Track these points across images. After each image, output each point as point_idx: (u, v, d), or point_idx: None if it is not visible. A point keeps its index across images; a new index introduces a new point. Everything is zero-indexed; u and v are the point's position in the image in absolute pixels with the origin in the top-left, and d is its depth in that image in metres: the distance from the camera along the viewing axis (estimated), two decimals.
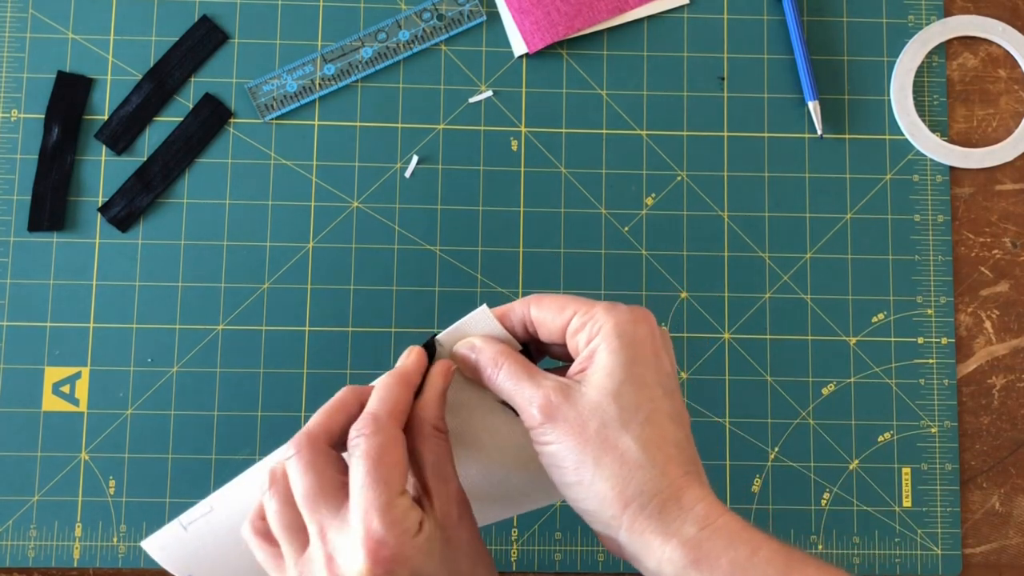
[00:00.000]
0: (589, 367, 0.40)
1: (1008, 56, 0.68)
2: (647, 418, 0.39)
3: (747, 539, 0.38)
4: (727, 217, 0.65)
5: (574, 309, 0.41)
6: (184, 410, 0.62)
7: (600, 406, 0.39)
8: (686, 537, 0.37)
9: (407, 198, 0.65)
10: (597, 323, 0.40)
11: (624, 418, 0.39)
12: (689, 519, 0.38)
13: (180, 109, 0.65)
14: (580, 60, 0.66)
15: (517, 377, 0.41)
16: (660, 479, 0.38)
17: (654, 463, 0.39)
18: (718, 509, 0.39)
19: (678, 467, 0.39)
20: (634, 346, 0.40)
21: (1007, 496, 0.64)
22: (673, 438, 0.40)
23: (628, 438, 0.38)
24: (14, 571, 0.61)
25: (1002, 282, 0.66)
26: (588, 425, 0.39)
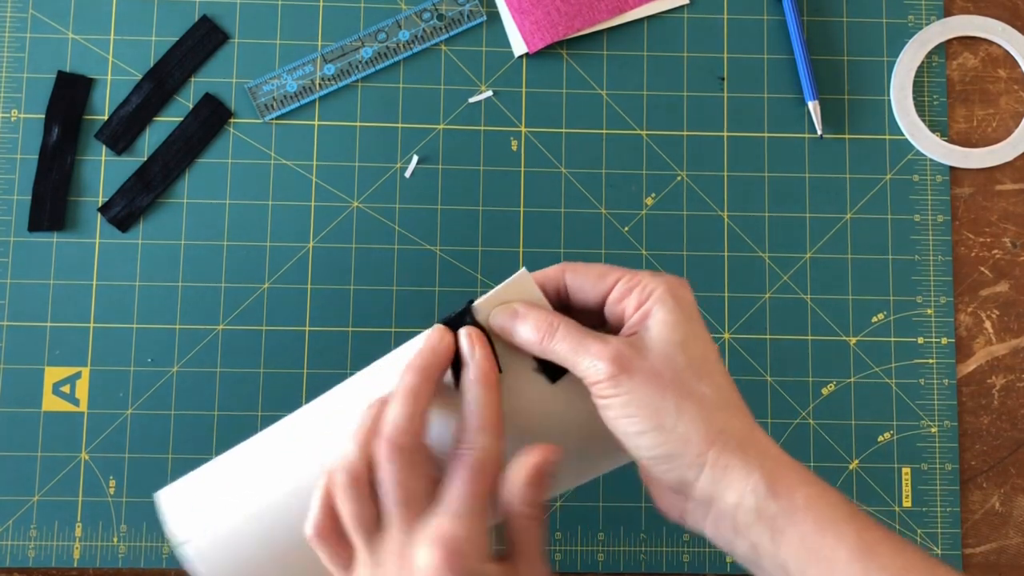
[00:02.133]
0: (645, 327, 0.41)
1: (1008, 56, 0.68)
2: (713, 368, 0.41)
3: (815, 481, 0.40)
4: (727, 217, 0.65)
5: (616, 276, 0.43)
6: (184, 410, 0.62)
7: (671, 357, 0.40)
8: (767, 470, 0.39)
9: (407, 198, 0.65)
10: (647, 288, 0.42)
11: (695, 368, 0.40)
12: (767, 456, 0.40)
13: (180, 109, 0.65)
14: (580, 60, 0.66)
15: (578, 337, 0.41)
16: (738, 419, 0.40)
17: (730, 405, 0.41)
18: (784, 453, 0.41)
19: (746, 413, 0.41)
20: (687, 305, 0.42)
21: (1007, 496, 0.64)
22: (735, 386, 0.42)
23: (703, 386, 0.40)
24: (14, 571, 0.61)
25: (1002, 282, 0.66)
26: (663, 374, 0.40)
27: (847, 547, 0.37)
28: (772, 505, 0.38)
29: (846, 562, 0.37)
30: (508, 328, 0.43)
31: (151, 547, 0.61)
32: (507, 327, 0.43)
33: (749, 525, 0.39)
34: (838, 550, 0.37)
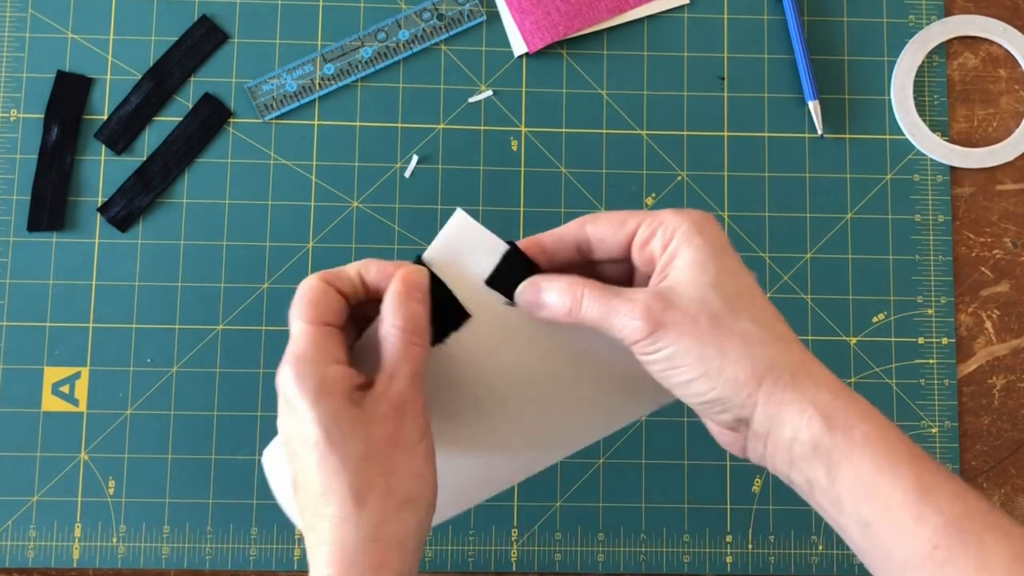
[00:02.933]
0: (673, 269, 0.40)
1: (1008, 56, 0.68)
2: (752, 301, 0.39)
3: (876, 417, 0.38)
4: (727, 217, 0.65)
5: (637, 220, 0.41)
6: (184, 410, 0.62)
7: (704, 299, 0.39)
8: (822, 404, 0.37)
9: (407, 198, 0.65)
10: (670, 226, 0.40)
11: (732, 305, 0.39)
12: (823, 387, 0.38)
13: (180, 109, 0.65)
14: (580, 60, 0.66)
15: (604, 299, 0.39)
16: (786, 351, 0.39)
17: (777, 337, 0.39)
18: (844, 385, 0.39)
19: (796, 341, 0.39)
20: (715, 240, 0.40)
21: (1007, 496, 0.64)
22: (780, 316, 0.40)
23: (743, 321, 0.38)
24: (14, 571, 0.61)
25: (1002, 282, 0.66)
26: (699, 320, 0.38)
27: (903, 488, 0.36)
28: (828, 440, 0.37)
29: (901, 503, 0.36)
30: (535, 303, 0.41)
31: (150, 547, 0.61)
32: (534, 302, 0.41)
33: (805, 458, 0.38)
34: (894, 490, 0.36)
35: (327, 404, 0.38)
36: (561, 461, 0.62)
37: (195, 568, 0.61)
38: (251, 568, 0.62)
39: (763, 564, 0.62)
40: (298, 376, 0.38)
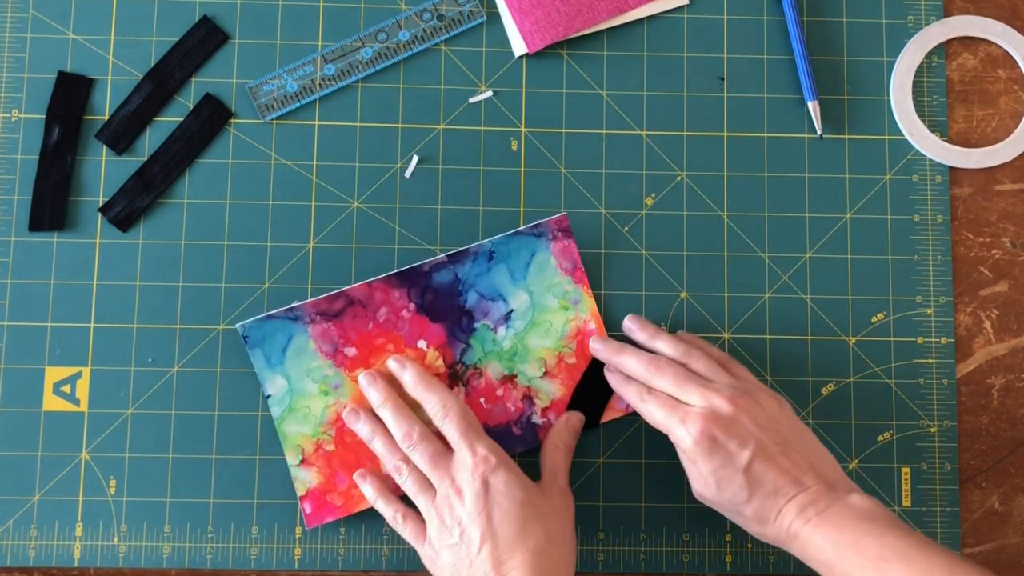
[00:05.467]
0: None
1: (1007, 56, 0.68)
2: (752, 494, 0.54)
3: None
4: (727, 217, 0.65)
5: (654, 421, 0.57)
6: (185, 410, 0.62)
7: (716, 498, 0.56)
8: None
9: (407, 198, 0.65)
10: (677, 442, 0.56)
11: (735, 502, 0.55)
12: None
13: (181, 109, 0.65)
14: (580, 60, 0.66)
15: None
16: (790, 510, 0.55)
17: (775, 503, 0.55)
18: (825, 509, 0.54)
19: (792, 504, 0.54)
20: (713, 456, 0.54)
21: (1006, 496, 0.64)
22: (780, 478, 0.55)
23: (749, 508, 0.55)
24: (15, 570, 0.61)
25: (1001, 282, 0.66)
26: (717, 503, 0.56)
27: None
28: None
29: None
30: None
31: (151, 547, 0.61)
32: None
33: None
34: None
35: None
36: None
37: (196, 567, 0.61)
38: (252, 567, 0.62)
39: (762, 563, 0.63)
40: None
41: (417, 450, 0.57)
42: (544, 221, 0.63)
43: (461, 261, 0.63)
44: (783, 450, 0.53)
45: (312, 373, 0.61)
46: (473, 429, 0.57)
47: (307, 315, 0.62)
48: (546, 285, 0.63)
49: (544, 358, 0.63)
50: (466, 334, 0.62)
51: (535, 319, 0.63)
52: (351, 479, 0.61)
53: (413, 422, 0.58)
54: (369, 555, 0.62)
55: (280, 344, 0.62)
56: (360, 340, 0.62)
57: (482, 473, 0.55)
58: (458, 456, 0.56)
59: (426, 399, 0.59)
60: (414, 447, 0.57)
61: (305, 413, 0.61)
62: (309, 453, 0.61)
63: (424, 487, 0.57)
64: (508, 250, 0.63)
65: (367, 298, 0.62)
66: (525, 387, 0.62)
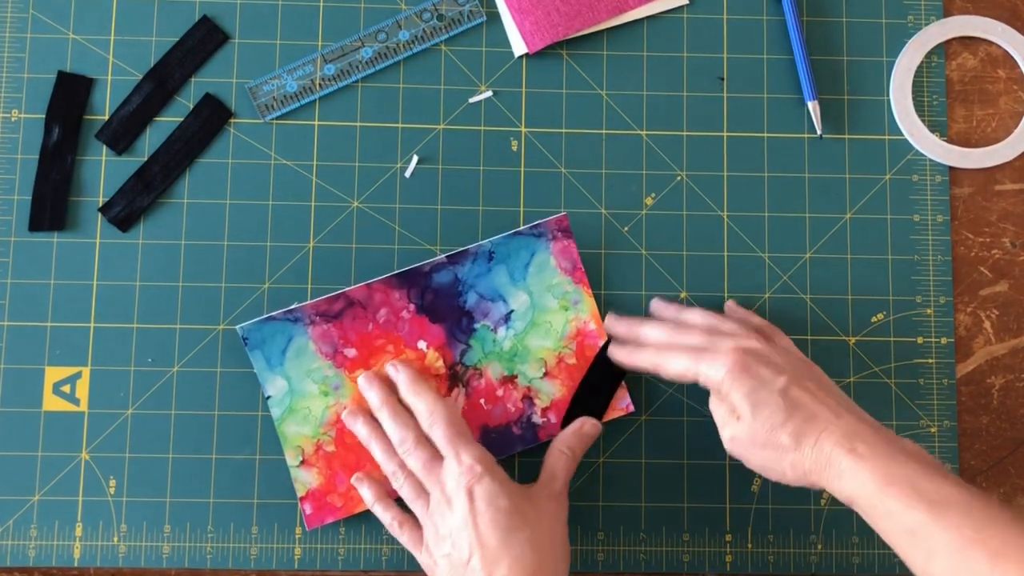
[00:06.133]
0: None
1: (1007, 56, 0.68)
2: (784, 425, 0.53)
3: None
4: (727, 217, 0.65)
5: (676, 370, 0.56)
6: (185, 410, 0.62)
7: (755, 431, 0.54)
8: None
9: (407, 198, 0.65)
10: (708, 379, 0.55)
11: (771, 433, 0.53)
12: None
13: (180, 109, 0.65)
14: (580, 60, 0.66)
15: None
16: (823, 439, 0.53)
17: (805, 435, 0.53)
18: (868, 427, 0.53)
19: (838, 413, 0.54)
20: (749, 390, 0.53)
21: (1006, 496, 0.64)
22: (814, 403, 0.54)
23: (785, 435, 0.53)
24: (15, 570, 0.61)
25: (1001, 282, 0.66)
26: (756, 439, 0.54)
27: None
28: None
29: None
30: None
31: (151, 547, 0.61)
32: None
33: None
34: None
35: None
36: None
37: (196, 567, 0.61)
38: (252, 567, 0.62)
39: (762, 563, 0.63)
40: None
41: (411, 456, 0.57)
42: (544, 221, 0.63)
43: (461, 262, 0.63)
44: (816, 383, 0.53)
45: (312, 374, 0.62)
46: (460, 435, 0.57)
47: (307, 316, 0.62)
48: (546, 285, 0.63)
49: (544, 358, 0.63)
50: (466, 335, 0.63)
51: (535, 319, 0.63)
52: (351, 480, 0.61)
53: (408, 428, 0.58)
54: (369, 555, 0.62)
55: (280, 345, 0.62)
56: (360, 341, 0.62)
57: (467, 483, 0.54)
58: (446, 464, 0.56)
59: (415, 403, 0.59)
60: (408, 453, 0.57)
61: (305, 414, 0.61)
62: (309, 454, 0.61)
63: (419, 493, 0.57)
64: (508, 250, 0.63)
65: (367, 299, 0.62)
66: (525, 387, 0.62)
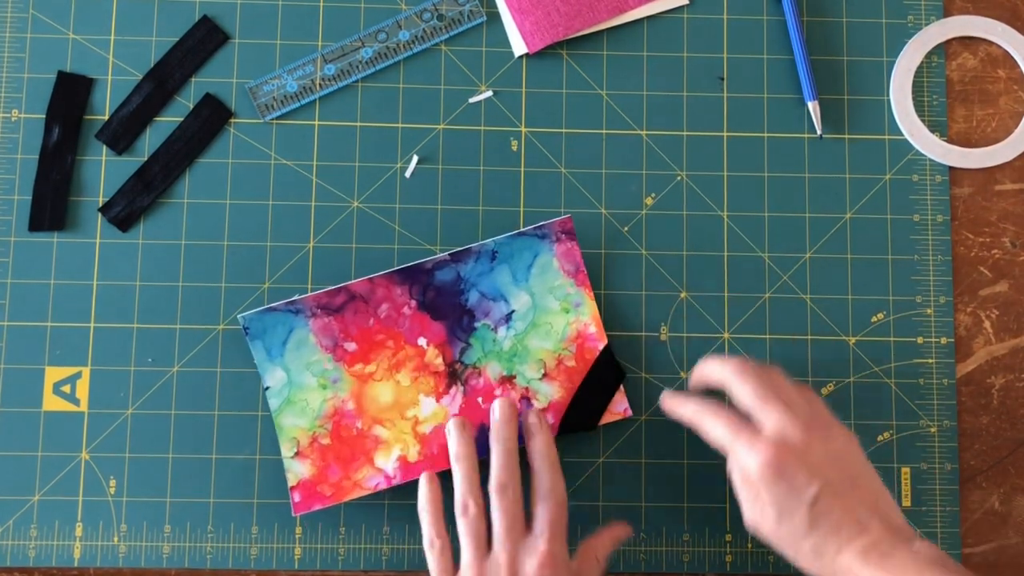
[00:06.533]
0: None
1: (1007, 56, 0.68)
2: (809, 531, 0.52)
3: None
4: (727, 217, 0.65)
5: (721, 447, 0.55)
6: (184, 410, 0.62)
7: (776, 531, 0.53)
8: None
9: (407, 198, 0.65)
10: (735, 476, 0.54)
11: (795, 536, 0.53)
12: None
13: (181, 109, 0.65)
14: (580, 60, 0.66)
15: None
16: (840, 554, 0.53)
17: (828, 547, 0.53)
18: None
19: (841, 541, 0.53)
20: (774, 490, 0.52)
21: (1006, 496, 0.64)
22: (834, 517, 0.52)
23: (811, 540, 0.53)
24: (15, 570, 0.61)
25: (1001, 282, 0.66)
26: (778, 535, 0.53)
27: None
28: None
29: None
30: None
31: (151, 547, 0.61)
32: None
33: None
34: None
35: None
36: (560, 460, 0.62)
37: (196, 567, 0.61)
38: (252, 567, 0.62)
39: (762, 563, 0.63)
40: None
41: (502, 504, 0.57)
42: (548, 223, 0.63)
43: (464, 260, 0.63)
44: (851, 488, 0.51)
45: (311, 367, 0.62)
46: (562, 525, 0.56)
47: (308, 308, 0.62)
48: (548, 287, 0.63)
49: (544, 360, 0.63)
50: (466, 333, 0.63)
51: (536, 320, 0.63)
52: (344, 471, 0.61)
53: (517, 479, 0.57)
54: (369, 555, 0.62)
55: (280, 337, 0.62)
56: (360, 335, 0.62)
57: (538, 572, 0.54)
58: (531, 539, 0.55)
59: (543, 472, 0.58)
60: (502, 501, 0.56)
61: (303, 406, 0.61)
62: (304, 446, 0.61)
63: (481, 540, 0.56)
64: (511, 251, 0.63)
65: (368, 294, 0.62)
66: (523, 388, 0.62)
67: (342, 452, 0.61)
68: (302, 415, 0.61)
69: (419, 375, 0.62)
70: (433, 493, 0.58)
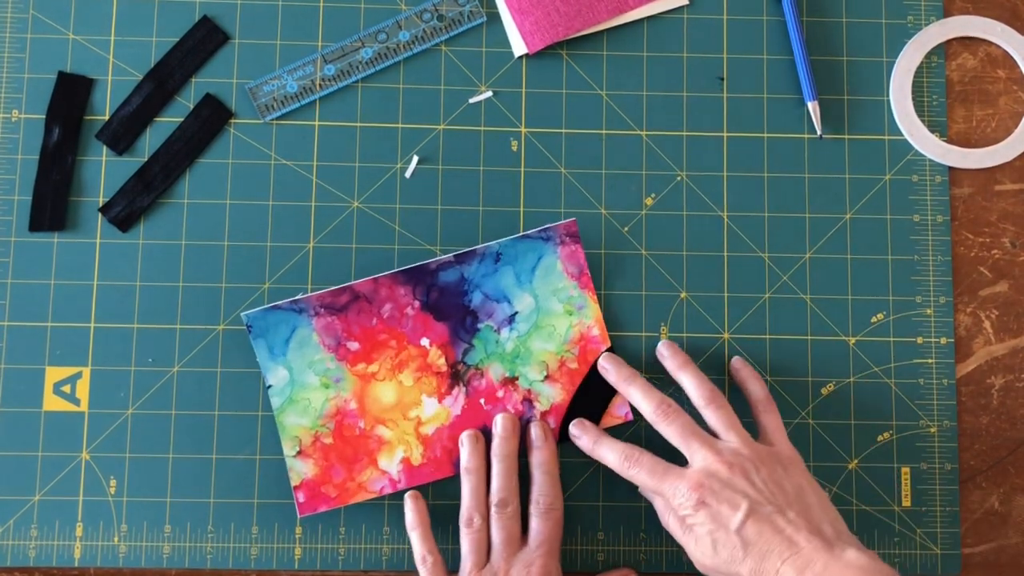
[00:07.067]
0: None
1: (1007, 56, 0.68)
2: (743, 565, 0.54)
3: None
4: (727, 217, 0.65)
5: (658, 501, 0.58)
6: (185, 410, 0.62)
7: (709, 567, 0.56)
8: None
9: (407, 198, 0.65)
10: (674, 513, 0.56)
11: (729, 568, 0.55)
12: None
13: (181, 109, 0.65)
14: (580, 60, 0.66)
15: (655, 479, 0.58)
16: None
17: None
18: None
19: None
20: (706, 530, 0.54)
21: (1006, 496, 0.64)
22: (766, 542, 0.54)
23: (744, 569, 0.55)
24: (15, 570, 0.61)
25: (1001, 282, 0.66)
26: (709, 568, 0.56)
27: None
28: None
29: None
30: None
31: (152, 546, 0.61)
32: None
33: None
34: None
35: None
36: (560, 460, 0.62)
37: (196, 567, 0.62)
38: (252, 567, 0.62)
39: None
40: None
41: (500, 520, 0.59)
42: (553, 226, 0.63)
43: (467, 261, 0.63)
44: (778, 510, 0.53)
45: (314, 366, 0.62)
46: (556, 547, 0.59)
47: (311, 307, 0.62)
48: (551, 289, 0.63)
49: (546, 362, 0.63)
50: (469, 334, 0.63)
51: (539, 322, 0.63)
52: (347, 472, 0.61)
53: (516, 496, 0.60)
54: (369, 555, 0.62)
55: (283, 335, 0.62)
56: (363, 335, 0.62)
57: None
58: (523, 553, 0.58)
59: (541, 486, 0.60)
60: (501, 516, 0.59)
61: (305, 405, 0.61)
62: (307, 445, 0.61)
63: (482, 554, 0.59)
64: (515, 253, 0.63)
65: (372, 293, 0.62)
66: (526, 390, 0.62)
67: (345, 452, 0.61)
68: (304, 414, 0.61)
69: (422, 375, 0.62)
70: (420, 511, 0.60)
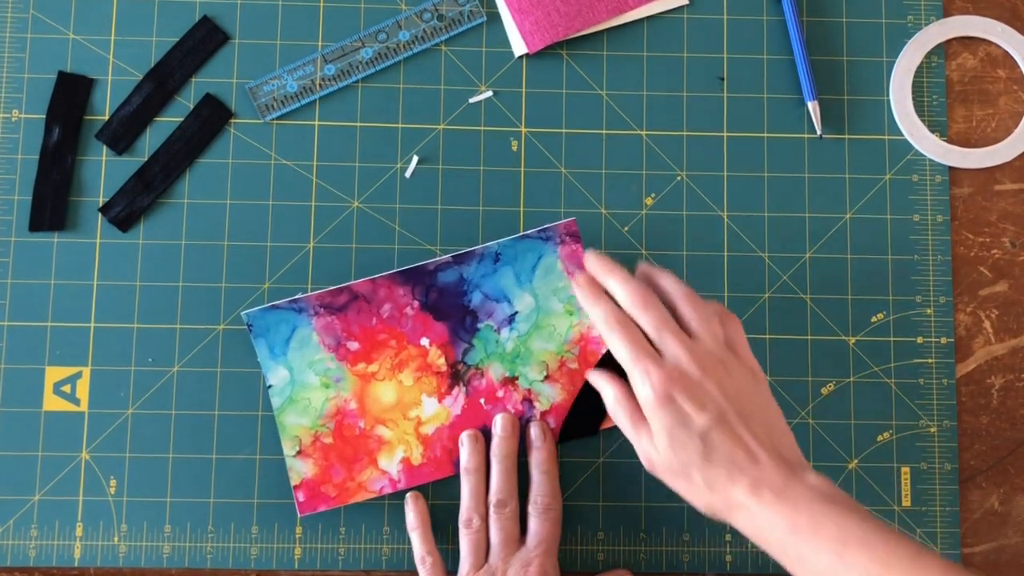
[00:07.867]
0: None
1: (1007, 56, 0.68)
2: (702, 460, 0.53)
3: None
4: (727, 217, 0.65)
5: (630, 373, 0.53)
6: (185, 410, 0.62)
7: (669, 460, 0.53)
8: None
9: (407, 198, 0.65)
10: (640, 395, 0.53)
11: (687, 468, 0.53)
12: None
13: (181, 109, 0.65)
14: (580, 60, 0.66)
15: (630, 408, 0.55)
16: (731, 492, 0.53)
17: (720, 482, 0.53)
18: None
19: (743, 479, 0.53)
20: (671, 417, 0.52)
21: (1006, 496, 0.64)
22: (731, 449, 0.52)
23: (699, 475, 0.53)
24: (15, 570, 0.61)
25: (1001, 282, 0.66)
26: (671, 468, 0.54)
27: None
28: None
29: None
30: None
31: (152, 546, 0.61)
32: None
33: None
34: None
35: None
36: (560, 460, 0.62)
37: (196, 567, 0.62)
38: (252, 567, 0.62)
39: (762, 563, 0.63)
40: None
41: (499, 521, 0.59)
42: (553, 225, 0.63)
43: (467, 262, 0.63)
44: (743, 422, 0.51)
45: (314, 365, 0.62)
46: (554, 545, 0.60)
47: (311, 307, 0.62)
48: (552, 289, 0.63)
49: (546, 362, 0.63)
50: (469, 334, 0.63)
51: (539, 322, 0.63)
52: (348, 472, 0.61)
53: (514, 497, 0.60)
54: (369, 555, 0.62)
55: (284, 335, 0.62)
56: (363, 335, 0.62)
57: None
58: (521, 552, 0.58)
59: (539, 486, 0.60)
60: (500, 517, 0.59)
61: (305, 405, 0.61)
62: (307, 445, 0.61)
63: (480, 555, 0.59)
64: (515, 252, 0.63)
65: (371, 293, 0.62)
66: (526, 390, 0.62)
67: (345, 452, 0.61)
68: (304, 414, 0.61)
69: (422, 375, 0.62)
70: (421, 512, 0.60)
